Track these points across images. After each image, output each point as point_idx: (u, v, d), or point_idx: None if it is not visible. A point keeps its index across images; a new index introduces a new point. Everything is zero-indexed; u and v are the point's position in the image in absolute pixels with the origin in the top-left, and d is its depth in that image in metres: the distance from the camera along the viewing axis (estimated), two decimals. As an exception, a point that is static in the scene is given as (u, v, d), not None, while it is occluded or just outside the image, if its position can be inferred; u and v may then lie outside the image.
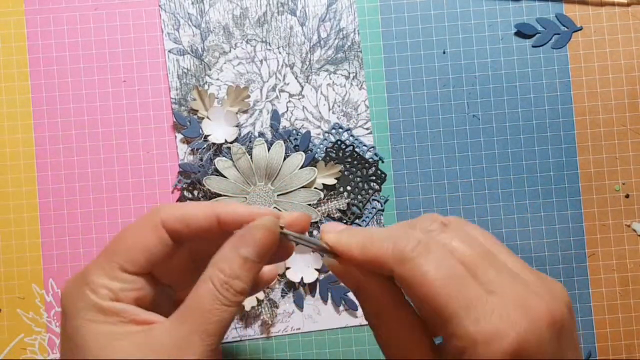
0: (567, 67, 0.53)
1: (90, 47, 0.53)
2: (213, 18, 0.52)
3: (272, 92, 0.52)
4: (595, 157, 0.53)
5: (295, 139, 0.52)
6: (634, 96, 0.53)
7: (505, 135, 0.52)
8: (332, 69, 0.52)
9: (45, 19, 0.53)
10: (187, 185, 0.52)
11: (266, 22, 0.53)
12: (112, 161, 0.52)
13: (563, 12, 0.53)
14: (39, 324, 0.52)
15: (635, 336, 0.52)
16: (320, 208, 0.51)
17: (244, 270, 0.34)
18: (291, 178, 0.51)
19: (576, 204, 0.52)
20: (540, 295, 0.32)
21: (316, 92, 0.52)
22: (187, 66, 0.52)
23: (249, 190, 0.51)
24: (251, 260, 0.34)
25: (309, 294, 0.52)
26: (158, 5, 0.53)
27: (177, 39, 0.52)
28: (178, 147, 0.52)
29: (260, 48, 0.52)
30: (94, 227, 0.52)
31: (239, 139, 0.52)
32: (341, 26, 0.53)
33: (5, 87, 0.52)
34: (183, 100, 0.52)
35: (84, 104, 0.52)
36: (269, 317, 0.51)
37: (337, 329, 0.52)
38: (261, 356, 0.51)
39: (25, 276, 0.52)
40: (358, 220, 0.52)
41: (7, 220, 0.52)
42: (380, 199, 0.52)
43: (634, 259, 0.52)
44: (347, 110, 0.52)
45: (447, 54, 0.53)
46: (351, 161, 0.52)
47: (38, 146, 0.52)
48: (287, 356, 0.51)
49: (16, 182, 0.52)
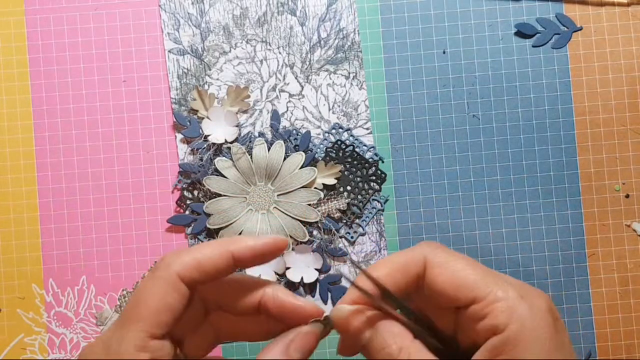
0: (567, 67, 0.53)
1: (90, 47, 0.53)
2: (213, 18, 0.52)
3: (272, 92, 0.52)
4: (595, 157, 0.53)
5: (295, 139, 0.52)
6: (634, 96, 0.53)
7: (505, 135, 0.52)
8: (332, 69, 0.52)
9: (45, 19, 0.53)
10: (187, 185, 0.52)
11: (266, 22, 0.53)
12: (112, 161, 0.52)
13: (563, 12, 0.53)
14: (39, 324, 0.52)
15: (635, 336, 0.52)
16: (320, 208, 0.51)
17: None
18: (291, 178, 0.51)
19: (576, 204, 0.52)
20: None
21: (316, 92, 0.52)
22: (187, 66, 0.52)
23: (249, 190, 0.51)
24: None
25: (308, 294, 0.51)
26: (158, 5, 0.53)
27: (177, 39, 0.52)
28: (178, 147, 0.52)
29: (260, 48, 0.52)
30: (94, 227, 0.52)
31: (239, 139, 0.52)
32: (341, 26, 0.53)
33: (5, 87, 0.52)
34: (183, 100, 0.52)
35: (84, 104, 0.52)
36: (269, 317, 0.51)
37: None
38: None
39: (25, 276, 0.52)
40: (358, 220, 0.52)
41: (7, 220, 0.52)
42: (380, 199, 0.52)
43: (634, 259, 0.52)
44: (347, 110, 0.52)
45: (447, 54, 0.53)
46: (351, 161, 0.52)
47: (38, 146, 0.52)
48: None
49: (16, 182, 0.52)
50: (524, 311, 0.32)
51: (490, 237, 0.52)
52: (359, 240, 0.52)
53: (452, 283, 0.34)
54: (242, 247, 0.35)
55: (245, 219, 0.51)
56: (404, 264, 0.35)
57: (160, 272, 0.35)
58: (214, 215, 0.51)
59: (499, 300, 0.33)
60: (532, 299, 0.33)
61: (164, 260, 0.35)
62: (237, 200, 0.51)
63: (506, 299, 0.33)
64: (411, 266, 0.35)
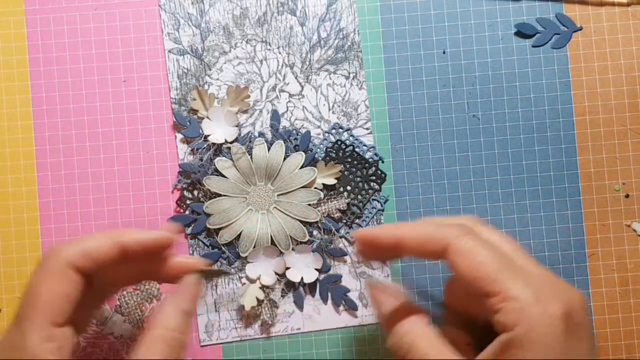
0: (567, 67, 0.53)
1: (90, 47, 0.53)
2: (213, 18, 0.52)
3: (272, 92, 0.52)
4: (595, 157, 0.53)
5: (295, 139, 0.52)
6: (634, 96, 0.53)
7: (505, 135, 0.52)
8: (332, 69, 0.52)
9: (45, 19, 0.53)
10: (187, 185, 0.52)
11: (266, 22, 0.53)
12: (112, 161, 0.52)
13: (563, 12, 0.53)
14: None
15: (635, 336, 0.52)
16: (320, 208, 0.51)
17: (187, 325, 0.37)
18: (291, 178, 0.51)
19: (576, 204, 0.52)
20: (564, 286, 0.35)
21: (316, 92, 0.52)
22: (187, 66, 0.52)
23: (249, 190, 0.51)
24: (191, 313, 0.38)
25: (309, 294, 0.51)
26: (158, 5, 0.53)
27: (177, 39, 0.52)
28: (178, 147, 0.52)
29: (260, 48, 0.52)
30: (94, 227, 0.52)
31: (239, 138, 0.52)
32: (341, 26, 0.53)
33: (5, 87, 0.52)
34: (183, 100, 0.52)
35: (84, 104, 0.52)
36: (269, 317, 0.51)
37: (337, 329, 0.52)
38: (261, 356, 0.51)
39: (25, 276, 0.52)
40: (358, 220, 0.52)
41: (7, 220, 0.52)
42: (380, 199, 0.52)
43: (634, 259, 0.52)
44: (347, 110, 0.52)
45: (447, 54, 0.53)
46: (351, 161, 0.52)
47: (38, 146, 0.52)
48: (287, 356, 0.51)
49: (16, 182, 0.52)
50: (534, 315, 0.32)
51: (490, 237, 0.52)
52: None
53: (470, 273, 0.34)
54: (131, 238, 0.38)
55: (245, 219, 0.51)
56: (424, 240, 0.36)
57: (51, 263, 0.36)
58: (214, 215, 0.51)
59: (510, 299, 0.33)
60: (548, 302, 0.33)
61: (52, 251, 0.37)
62: (237, 200, 0.51)
63: (518, 300, 0.33)
64: (430, 245, 0.36)
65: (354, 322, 0.51)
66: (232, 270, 0.51)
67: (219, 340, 0.51)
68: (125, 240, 0.38)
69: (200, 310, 0.51)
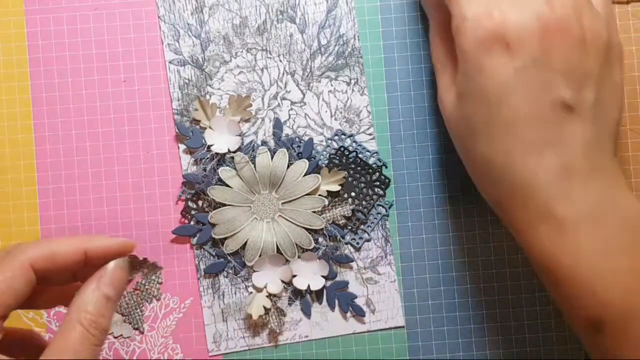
0: (567, 67, 0.53)
1: (90, 47, 0.52)
2: (213, 28, 0.52)
3: (273, 100, 0.52)
4: (595, 157, 0.53)
5: (298, 147, 0.52)
6: (634, 96, 0.53)
7: (506, 137, 0.53)
8: (333, 75, 0.52)
9: (45, 19, 0.52)
10: (191, 196, 0.52)
11: (266, 31, 0.52)
12: (112, 161, 0.52)
13: (563, 12, 0.53)
14: (39, 324, 0.52)
15: (636, 333, 0.53)
16: (325, 215, 0.51)
17: (108, 309, 0.37)
18: (295, 185, 0.51)
19: (577, 204, 0.53)
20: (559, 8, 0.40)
21: (318, 99, 0.52)
22: (188, 77, 0.52)
23: (254, 199, 0.52)
24: (112, 299, 0.38)
25: (316, 302, 0.52)
26: (156, 7, 0.52)
27: (177, 49, 0.52)
28: (181, 157, 0.52)
29: (261, 56, 0.52)
30: (94, 227, 0.52)
31: (242, 147, 0.52)
32: (341, 32, 0.52)
33: (5, 87, 0.52)
34: (185, 110, 0.52)
35: (84, 104, 0.52)
36: (276, 326, 0.51)
37: (345, 336, 0.52)
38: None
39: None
40: (363, 226, 0.52)
41: (7, 220, 0.52)
42: (384, 204, 0.52)
43: (635, 257, 0.53)
44: (349, 117, 0.52)
45: (448, 57, 0.53)
46: (355, 167, 0.52)
47: (38, 146, 0.52)
48: (287, 356, 0.52)
49: (16, 182, 0.52)
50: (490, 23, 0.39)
51: (490, 237, 0.52)
52: (364, 246, 0.52)
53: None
54: (95, 246, 0.39)
55: (250, 227, 0.51)
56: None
57: (13, 258, 0.37)
58: (219, 225, 0.51)
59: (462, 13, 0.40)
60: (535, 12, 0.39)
61: (19, 247, 0.37)
62: (241, 210, 0.51)
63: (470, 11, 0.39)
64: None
65: (362, 329, 0.52)
66: (160, 264, 0.51)
67: (227, 350, 0.51)
68: (91, 247, 0.39)
69: (207, 321, 0.51)
